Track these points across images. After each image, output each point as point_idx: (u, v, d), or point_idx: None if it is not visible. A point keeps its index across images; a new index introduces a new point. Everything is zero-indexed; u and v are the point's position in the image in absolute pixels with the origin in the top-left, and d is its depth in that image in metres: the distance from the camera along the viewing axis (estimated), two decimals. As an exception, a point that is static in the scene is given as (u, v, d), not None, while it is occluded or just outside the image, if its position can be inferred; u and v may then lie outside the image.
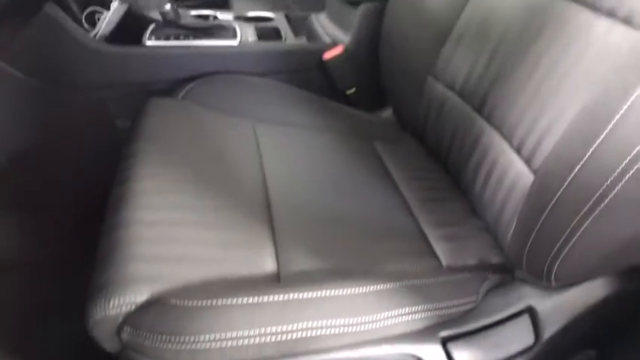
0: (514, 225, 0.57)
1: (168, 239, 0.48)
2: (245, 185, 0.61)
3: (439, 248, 0.60)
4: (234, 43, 0.86)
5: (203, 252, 0.49)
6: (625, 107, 0.42)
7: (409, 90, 0.83)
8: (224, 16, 0.99)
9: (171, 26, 0.84)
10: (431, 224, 0.65)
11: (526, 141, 0.58)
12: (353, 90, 0.93)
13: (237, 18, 0.99)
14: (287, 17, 1.03)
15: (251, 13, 1.02)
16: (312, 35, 1.01)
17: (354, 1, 0.87)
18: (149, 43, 0.81)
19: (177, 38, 0.83)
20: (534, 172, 0.55)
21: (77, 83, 0.81)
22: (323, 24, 0.98)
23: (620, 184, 0.42)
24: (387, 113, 0.95)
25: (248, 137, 0.72)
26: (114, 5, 0.79)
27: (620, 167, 0.42)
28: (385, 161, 0.78)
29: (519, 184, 0.57)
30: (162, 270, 0.45)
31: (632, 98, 0.42)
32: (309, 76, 0.90)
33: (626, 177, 0.41)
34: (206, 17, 1.00)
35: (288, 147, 0.74)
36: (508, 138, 0.62)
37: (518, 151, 0.60)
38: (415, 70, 0.80)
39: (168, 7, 0.81)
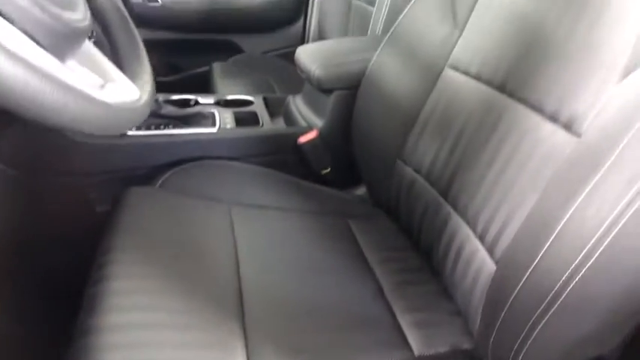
0: (480, 313, 0.59)
1: (140, 344, 0.49)
2: (219, 279, 0.62)
3: (412, 337, 0.61)
4: (212, 130, 0.90)
5: (174, 356, 0.49)
6: (565, 218, 0.46)
7: (380, 171, 0.87)
8: (205, 100, 1.04)
9: (152, 116, 0.88)
10: (404, 310, 0.66)
11: (488, 229, 0.61)
12: (328, 170, 0.97)
13: (218, 102, 1.04)
14: (265, 100, 1.09)
15: (231, 97, 1.07)
16: (288, 117, 1.06)
17: (327, 89, 0.92)
18: (130, 132, 0.85)
19: (157, 128, 0.87)
20: (496, 262, 0.57)
21: (57, 172, 0.83)
22: (299, 107, 1.04)
23: (570, 286, 0.45)
24: (362, 191, 0.98)
25: (224, 224, 0.74)
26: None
27: (569, 270, 0.44)
28: (359, 241, 0.80)
29: (484, 271, 0.60)
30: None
31: (571, 210, 0.46)
32: (285, 159, 0.94)
33: (575, 279, 0.44)
34: (188, 101, 1.04)
35: (264, 231, 0.76)
36: (472, 225, 0.65)
37: (481, 239, 0.63)
38: (385, 154, 0.85)
39: (149, 98, 0.85)
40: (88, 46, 0.47)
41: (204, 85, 1.52)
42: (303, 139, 0.91)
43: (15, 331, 0.75)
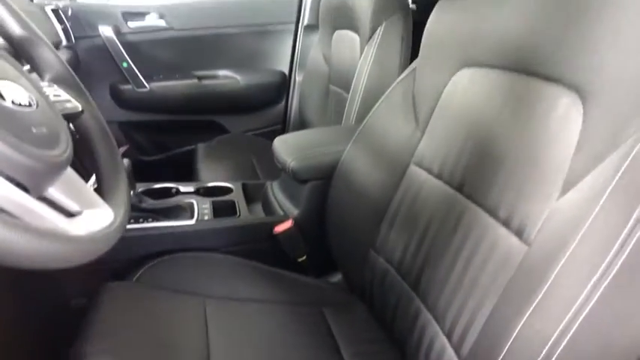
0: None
1: None
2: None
3: None
4: (190, 222, 0.93)
5: None
6: (519, 325, 0.49)
7: (355, 260, 0.89)
8: (185, 189, 1.08)
9: (132, 210, 0.90)
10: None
11: (454, 328, 0.63)
12: (304, 257, 0.99)
13: (197, 191, 1.07)
14: (244, 186, 1.13)
15: (211, 184, 1.11)
16: (266, 203, 1.10)
17: (302, 179, 0.97)
18: (109, 227, 0.87)
19: (136, 221, 0.89)
20: (462, 363, 0.59)
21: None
22: (276, 194, 1.08)
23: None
24: (337, 277, 1.00)
25: (198, 320, 0.74)
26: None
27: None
28: (334, 332, 0.81)
29: (452, 373, 0.61)
30: None
31: (524, 319, 0.48)
32: (261, 248, 0.97)
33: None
34: (169, 189, 1.08)
35: (237, 326, 0.76)
36: (440, 322, 0.66)
37: (448, 337, 0.64)
38: (358, 243, 0.87)
39: (130, 192, 0.89)
40: (67, 171, 0.50)
41: (189, 165, 1.57)
42: (278, 229, 0.94)
43: None
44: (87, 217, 0.47)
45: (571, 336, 0.46)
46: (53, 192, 0.47)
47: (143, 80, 1.62)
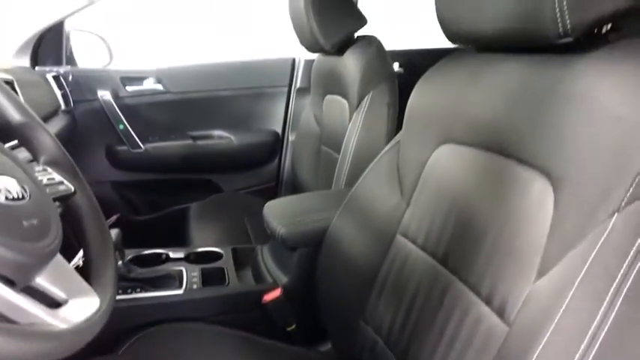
0: None
1: None
2: None
3: None
4: (178, 292, 0.93)
5: None
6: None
7: (344, 330, 0.88)
8: (175, 254, 1.08)
9: (120, 280, 0.91)
10: None
11: (442, 408, 0.62)
12: (293, 326, 0.98)
13: (187, 257, 1.08)
14: (234, 251, 1.13)
15: (201, 249, 1.12)
16: (256, 269, 1.10)
17: (291, 246, 0.98)
18: (97, 298, 0.86)
19: (124, 292, 0.89)
20: None
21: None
22: (266, 260, 1.09)
23: None
24: (327, 347, 0.99)
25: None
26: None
27: None
28: (324, 409, 0.79)
29: None
30: None
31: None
32: (250, 317, 0.96)
33: None
34: (159, 255, 1.08)
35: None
36: (428, 401, 0.66)
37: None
38: (348, 313, 0.87)
39: (119, 262, 0.89)
40: (56, 258, 0.51)
41: (182, 225, 1.58)
42: (267, 298, 0.94)
43: None
44: (72, 306, 0.48)
45: None
46: (40, 281, 0.48)
47: (139, 141, 1.66)
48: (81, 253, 0.64)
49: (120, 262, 0.90)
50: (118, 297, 0.88)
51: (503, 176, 0.62)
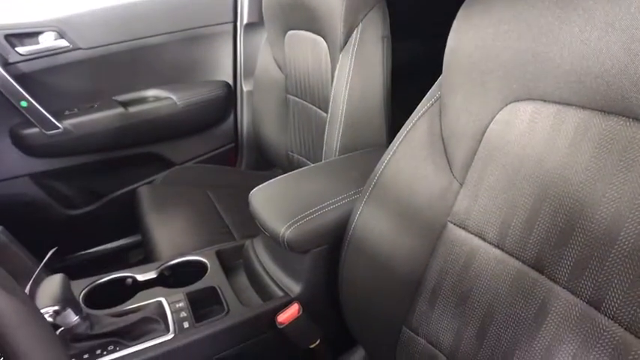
0: None
1: None
2: None
3: None
4: (167, 337, 0.69)
5: None
6: None
7: (382, 337, 0.72)
8: (144, 276, 0.83)
9: (84, 340, 0.65)
10: None
11: None
12: (317, 342, 0.79)
13: (161, 275, 0.83)
14: (218, 255, 0.89)
15: (176, 261, 0.87)
16: (251, 273, 0.87)
17: (301, 251, 0.75)
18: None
19: (93, 356, 0.64)
20: None
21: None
22: (263, 261, 0.85)
23: None
24: (360, 354, 0.81)
25: None
26: None
27: None
28: None
29: None
30: None
31: None
32: (262, 341, 0.75)
33: None
34: (123, 280, 0.82)
35: None
36: None
37: None
38: (386, 319, 0.70)
39: (75, 319, 0.63)
40: None
41: (133, 212, 1.29)
42: (282, 319, 0.73)
43: None
44: None
45: None
46: None
47: (52, 119, 1.28)
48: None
49: (76, 318, 0.64)
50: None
51: (629, 148, 0.43)
